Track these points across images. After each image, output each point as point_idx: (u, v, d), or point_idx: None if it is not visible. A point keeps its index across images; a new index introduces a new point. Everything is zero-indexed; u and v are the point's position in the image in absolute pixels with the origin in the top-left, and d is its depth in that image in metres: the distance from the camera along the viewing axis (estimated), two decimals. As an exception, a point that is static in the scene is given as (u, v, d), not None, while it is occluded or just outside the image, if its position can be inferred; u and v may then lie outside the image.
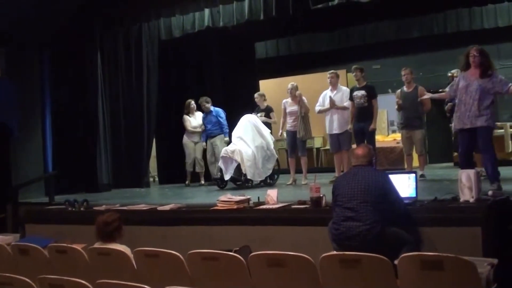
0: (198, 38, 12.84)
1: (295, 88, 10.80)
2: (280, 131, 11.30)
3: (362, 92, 10.09)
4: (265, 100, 11.71)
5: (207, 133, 12.17)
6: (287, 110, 10.93)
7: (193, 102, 12.33)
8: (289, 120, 10.89)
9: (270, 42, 16.12)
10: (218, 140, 11.93)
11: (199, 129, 12.26)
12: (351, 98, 10.23)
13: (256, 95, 11.77)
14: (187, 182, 12.34)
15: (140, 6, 12.11)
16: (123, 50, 12.80)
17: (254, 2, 11.18)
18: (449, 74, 10.21)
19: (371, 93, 10.13)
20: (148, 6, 12.14)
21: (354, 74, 10.37)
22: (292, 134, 10.86)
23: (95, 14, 12.19)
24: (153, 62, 12.83)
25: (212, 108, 12.07)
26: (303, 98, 10.76)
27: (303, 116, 10.65)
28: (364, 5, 11.08)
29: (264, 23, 11.82)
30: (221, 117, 12.04)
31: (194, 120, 12.31)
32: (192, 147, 12.27)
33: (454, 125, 7.74)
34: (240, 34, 13.02)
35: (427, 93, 8.38)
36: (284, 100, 11.06)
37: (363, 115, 10.08)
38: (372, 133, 10.18)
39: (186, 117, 12.30)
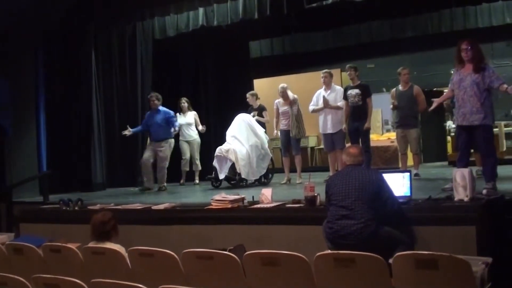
0: (192, 37, 12.87)
1: (285, 89, 10.81)
2: (275, 131, 11.29)
3: (356, 90, 10.10)
4: (257, 99, 11.72)
5: (150, 135, 11.56)
6: (280, 111, 10.98)
7: (183, 100, 12.25)
8: (282, 121, 10.93)
9: (264, 41, 16.13)
10: (165, 144, 11.32)
11: (186, 126, 12.20)
12: (345, 97, 10.24)
13: (248, 94, 11.76)
14: (181, 182, 12.32)
15: (134, 5, 12.10)
16: (117, 49, 12.79)
17: (249, 1, 11.22)
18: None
19: (366, 92, 10.13)
20: (142, 6, 12.14)
21: (348, 73, 10.36)
22: (285, 133, 10.90)
23: (89, 14, 12.16)
24: (147, 61, 12.85)
25: (160, 107, 11.44)
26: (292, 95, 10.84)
27: (296, 115, 10.69)
28: (358, 5, 11.10)
29: (258, 22, 11.86)
30: (171, 118, 11.36)
31: (182, 118, 12.21)
32: (185, 146, 12.24)
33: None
34: (235, 33, 13.02)
35: (434, 100, 8.28)
36: (276, 101, 11.09)
37: (358, 114, 10.08)
38: (367, 132, 10.20)
39: (176, 115, 12.27)
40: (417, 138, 10.16)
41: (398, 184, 6.54)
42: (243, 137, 10.94)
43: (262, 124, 11.42)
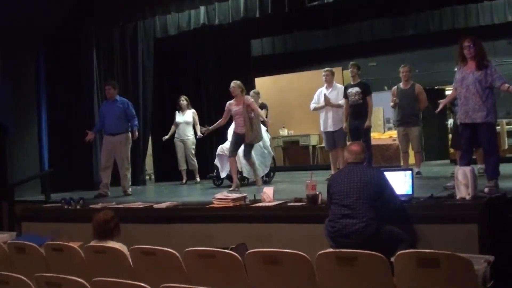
0: (193, 36, 12.87)
1: (238, 86, 10.09)
2: (208, 128, 10.69)
3: (357, 89, 10.09)
4: (259, 98, 11.68)
5: (104, 128, 10.56)
6: (232, 111, 10.21)
7: (182, 98, 12.21)
8: (236, 122, 10.27)
9: (266, 39, 16.08)
10: (122, 137, 10.41)
11: (184, 125, 12.12)
12: (345, 95, 10.23)
13: (251, 93, 11.71)
14: (183, 181, 12.29)
15: (136, 4, 12.08)
16: (119, 48, 12.79)
17: (250, 0, 11.19)
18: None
19: (366, 90, 10.12)
20: (143, 4, 12.11)
21: (350, 70, 10.35)
22: (238, 136, 10.21)
23: (90, 12, 12.16)
24: (149, 60, 12.87)
25: (118, 97, 10.54)
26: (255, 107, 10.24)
27: (251, 118, 10.05)
28: (359, 3, 11.08)
29: (259, 21, 11.83)
30: (130, 110, 10.47)
31: (181, 116, 12.16)
32: (179, 145, 12.17)
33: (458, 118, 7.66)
34: (236, 32, 12.99)
35: (440, 101, 8.27)
36: (228, 102, 10.35)
37: (358, 113, 10.07)
38: (368, 130, 10.19)
39: (176, 113, 12.28)
40: (418, 136, 10.17)
41: (400, 182, 6.55)
42: (244, 136, 10.90)
43: (263, 123, 11.39)
